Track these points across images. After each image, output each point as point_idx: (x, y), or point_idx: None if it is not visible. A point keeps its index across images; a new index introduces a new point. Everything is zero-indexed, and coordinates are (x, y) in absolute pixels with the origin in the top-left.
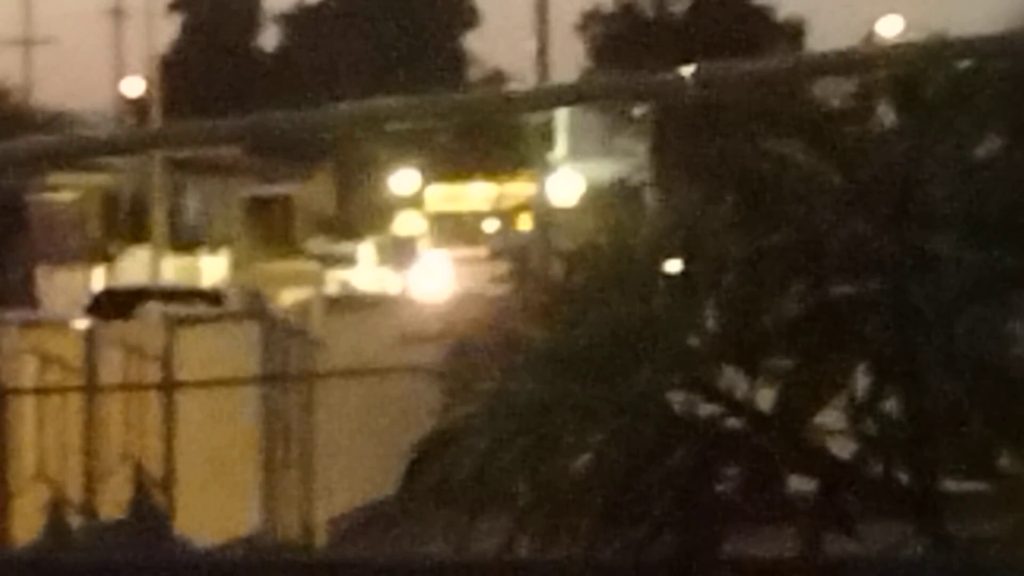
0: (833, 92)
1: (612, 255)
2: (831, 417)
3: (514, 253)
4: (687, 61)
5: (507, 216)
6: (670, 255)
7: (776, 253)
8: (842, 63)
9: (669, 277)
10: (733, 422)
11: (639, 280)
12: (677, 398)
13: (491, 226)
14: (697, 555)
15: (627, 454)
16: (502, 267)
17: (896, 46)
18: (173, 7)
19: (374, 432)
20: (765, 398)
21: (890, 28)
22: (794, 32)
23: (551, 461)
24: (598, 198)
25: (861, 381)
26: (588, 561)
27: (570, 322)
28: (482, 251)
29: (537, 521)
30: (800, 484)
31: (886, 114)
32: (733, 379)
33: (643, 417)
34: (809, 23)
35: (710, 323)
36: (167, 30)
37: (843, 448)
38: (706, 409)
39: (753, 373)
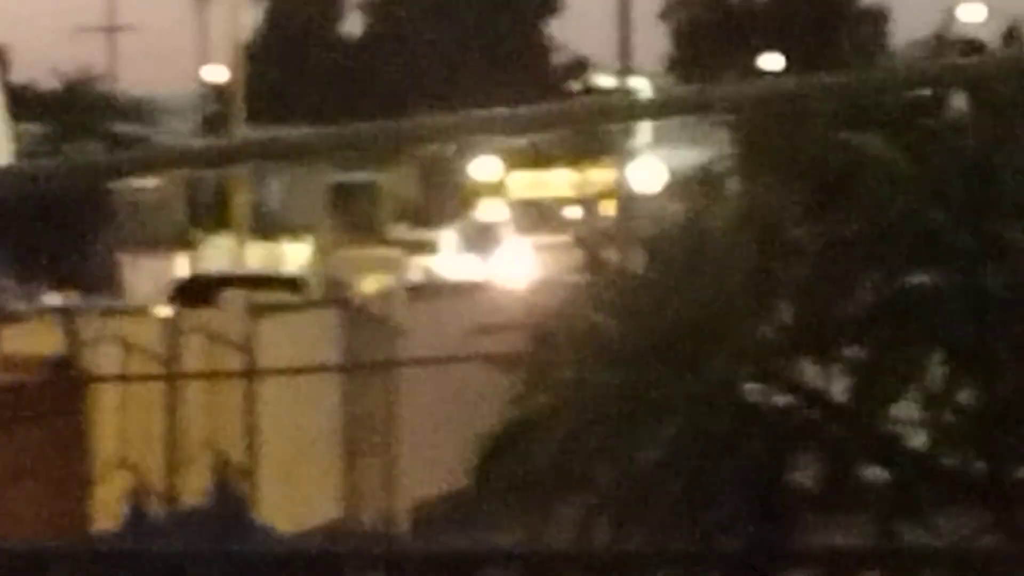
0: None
1: (689, 244)
2: (905, 407)
3: (596, 240)
4: (769, 48)
5: (589, 203)
6: (745, 244)
7: (851, 243)
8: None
9: (744, 267)
10: (807, 413)
11: (714, 270)
12: (751, 388)
13: (573, 213)
14: (771, 544)
15: (701, 444)
16: (583, 255)
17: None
18: None
19: (455, 420)
20: (839, 388)
21: (972, 15)
22: (876, 18)
23: (626, 451)
24: (681, 186)
25: (936, 371)
26: (663, 550)
27: (645, 312)
28: (564, 238)
29: (612, 510)
30: (874, 474)
31: (960, 106)
32: (807, 369)
33: (717, 408)
34: (891, 8)
35: (784, 313)
36: (250, 16)
37: (917, 438)
38: (780, 399)
39: (827, 363)
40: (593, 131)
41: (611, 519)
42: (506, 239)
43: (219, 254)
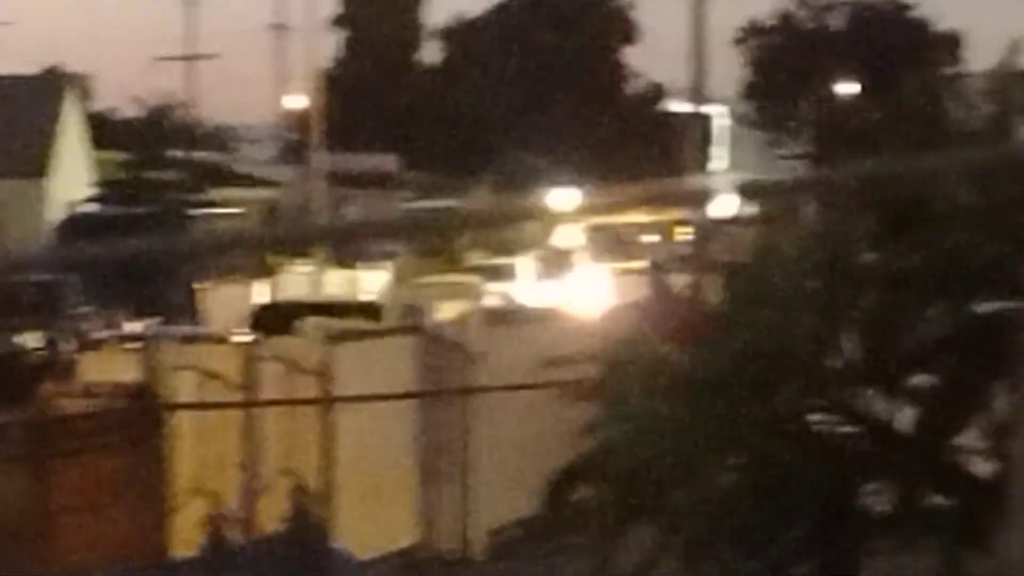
0: (974, 114)
1: (757, 273)
2: (970, 436)
3: (672, 266)
4: (844, 75)
5: (665, 229)
6: (813, 274)
7: (917, 273)
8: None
9: (811, 297)
10: (872, 442)
11: (782, 299)
12: (817, 419)
13: (650, 239)
14: (838, 571)
15: (768, 474)
16: (653, 284)
17: None
18: (335, 22)
19: (531, 446)
20: (905, 418)
21: None
22: (952, 44)
23: (693, 481)
24: (756, 212)
25: (1001, 400)
26: None
27: (713, 343)
28: (640, 264)
29: (682, 538)
30: (939, 502)
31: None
32: (872, 399)
33: (783, 438)
34: (966, 33)
35: (850, 344)
36: (329, 45)
37: (983, 466)
38: (846, 429)
39: (893, 393)
40: (670, 156)
41: (681, 547)
42: (582, 265)
43: (298, 281)
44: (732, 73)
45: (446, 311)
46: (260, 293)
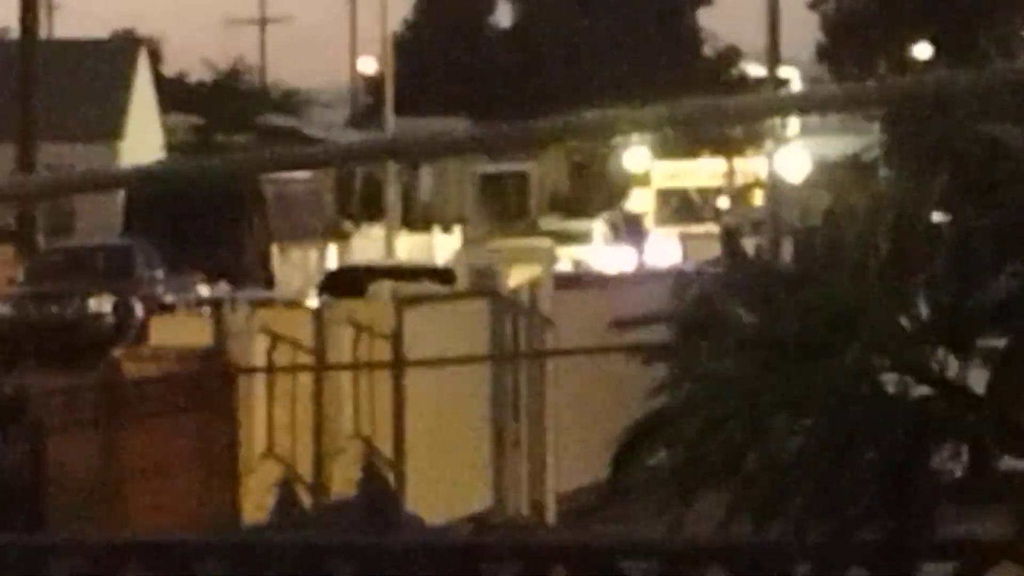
0: None
1: (828, 234)
2: None
3: (745, 229)
4: (919, 36)
5: (737, 193)
6: (884, 235)
7: (988, 234)
8: None
9: (882, 257)
10: (945, 403)
11: (853, 260)
12: (889, 379)
13: (721, 202)
14: (908, 536)
15: (839, 435)
16: (724, 245)
17: None
18: None
19: (603, 410)
20: (977, 378)
21: None
22: None
23: (763, 442)
24: (829, 175)
25: None
26: (802, 542)
27: (782, 304)
28: (710, 227)
29: (750, 502)
30: (1011, 465)
31: None
32: (945, 360)
33: (855, 399)
34: None
35: (922, 304)
36: (401, 8)
37: None
38: (918, 390)
39: (964, 353)
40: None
41: (751, 511)
42: (653, 230)
43: (369, 245)
44: (806, 35)
45: (519, 275)
46: (331, 258)
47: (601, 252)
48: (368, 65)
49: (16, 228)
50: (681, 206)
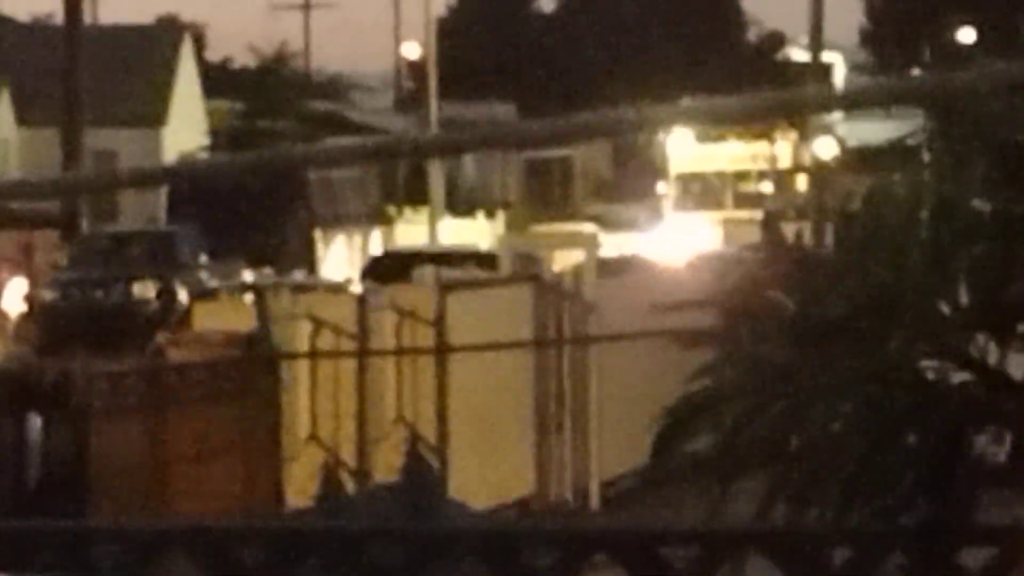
0: None
1: (869, 220)
2: None
3: (787, 214)
4: (961, 22)
5: (781, 177)
6: (926, 220)
7: None
8: None
9: (923, 243)
10: (985, 389)
11: (894, 246)
12: (929, 365)
13: (763, 187)
14: (948, 521)
15: (879, 421)
16: (764, 231)
17: None
18: None
19: (646, 395)
20: (1018, 364)
21: None
22: None
23: (804, 427)
24: (874, 160)
25: None
26: (841, 527)
27: (822, 290)
28: (753, 213)
29: (791, 488)
30: None
31: None
32: (985, 346)
33: (895, 384)
34: None
35: (962, 290)
36: None
37: None
38: (958, 376)
39: (1004, 340)
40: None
41: (790, 496)
42: (698, 214)
43: (413, 230)
44: (850, 21)
45: (562, 260)
46: (375, 243)
47: (644, 236)
48: (412, 50)
49: (60, 213)
50: (731, 191)
